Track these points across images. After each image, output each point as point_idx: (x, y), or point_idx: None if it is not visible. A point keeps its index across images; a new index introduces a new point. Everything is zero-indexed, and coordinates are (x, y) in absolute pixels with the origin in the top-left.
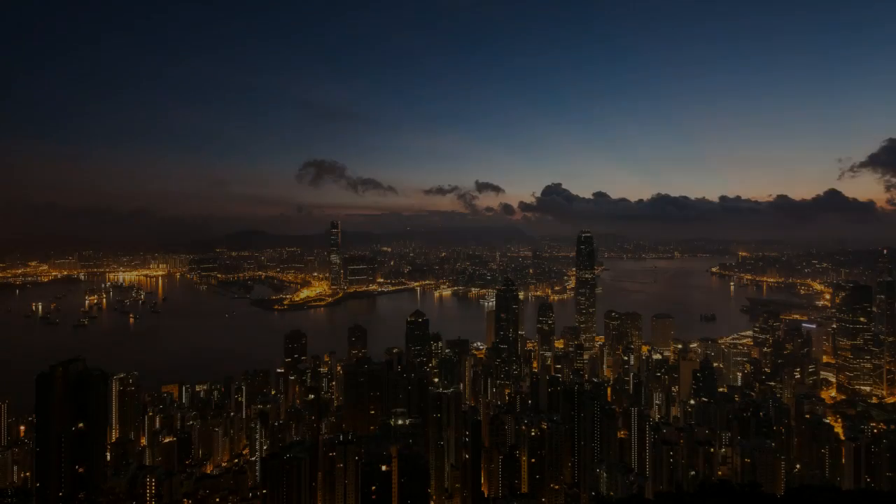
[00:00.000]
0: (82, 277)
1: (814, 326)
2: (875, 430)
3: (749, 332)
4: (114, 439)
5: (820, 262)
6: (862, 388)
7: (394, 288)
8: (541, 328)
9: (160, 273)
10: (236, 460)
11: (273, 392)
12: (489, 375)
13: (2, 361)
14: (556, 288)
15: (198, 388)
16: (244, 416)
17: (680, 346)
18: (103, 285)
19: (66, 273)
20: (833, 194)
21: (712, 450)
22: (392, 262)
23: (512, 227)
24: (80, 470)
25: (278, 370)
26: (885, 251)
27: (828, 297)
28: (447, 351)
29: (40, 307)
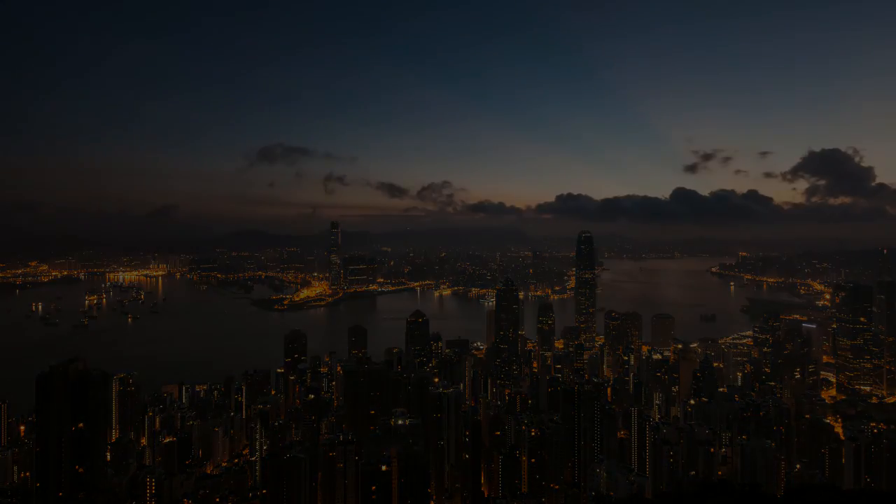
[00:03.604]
0: (82, 277)
1: (814, 326)
2: (875, 430)
3: (749, 332)
4: (114, 439)
5: (820, 262)
6: (862, 388)
7: (394, 288)
8: (541, 328)
9: (160, 273)
10: (236, 460)
11: (273, 392)
12: (489, 375)
13: (2, 361)
14: (556, 288)
15: (198, 388)
16: (244, 416)
17: (680, 346)
18: (103, 285)
19: (66, 273)
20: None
21: (712, 450)
22: (392, 263)
23: (511, 227)
24: (80, 470)
25: (278, 370)
26: (885, 251)
27: (828, 297)
28: (447, 351)
29: (40, 307)
